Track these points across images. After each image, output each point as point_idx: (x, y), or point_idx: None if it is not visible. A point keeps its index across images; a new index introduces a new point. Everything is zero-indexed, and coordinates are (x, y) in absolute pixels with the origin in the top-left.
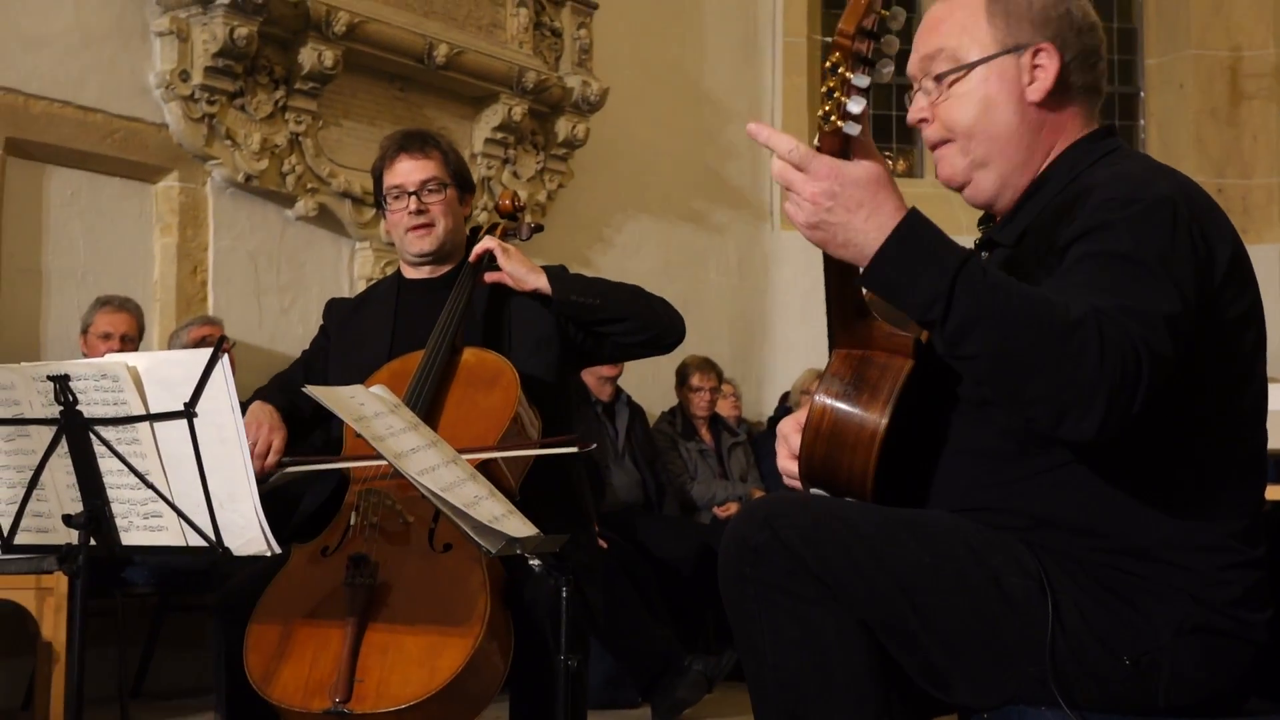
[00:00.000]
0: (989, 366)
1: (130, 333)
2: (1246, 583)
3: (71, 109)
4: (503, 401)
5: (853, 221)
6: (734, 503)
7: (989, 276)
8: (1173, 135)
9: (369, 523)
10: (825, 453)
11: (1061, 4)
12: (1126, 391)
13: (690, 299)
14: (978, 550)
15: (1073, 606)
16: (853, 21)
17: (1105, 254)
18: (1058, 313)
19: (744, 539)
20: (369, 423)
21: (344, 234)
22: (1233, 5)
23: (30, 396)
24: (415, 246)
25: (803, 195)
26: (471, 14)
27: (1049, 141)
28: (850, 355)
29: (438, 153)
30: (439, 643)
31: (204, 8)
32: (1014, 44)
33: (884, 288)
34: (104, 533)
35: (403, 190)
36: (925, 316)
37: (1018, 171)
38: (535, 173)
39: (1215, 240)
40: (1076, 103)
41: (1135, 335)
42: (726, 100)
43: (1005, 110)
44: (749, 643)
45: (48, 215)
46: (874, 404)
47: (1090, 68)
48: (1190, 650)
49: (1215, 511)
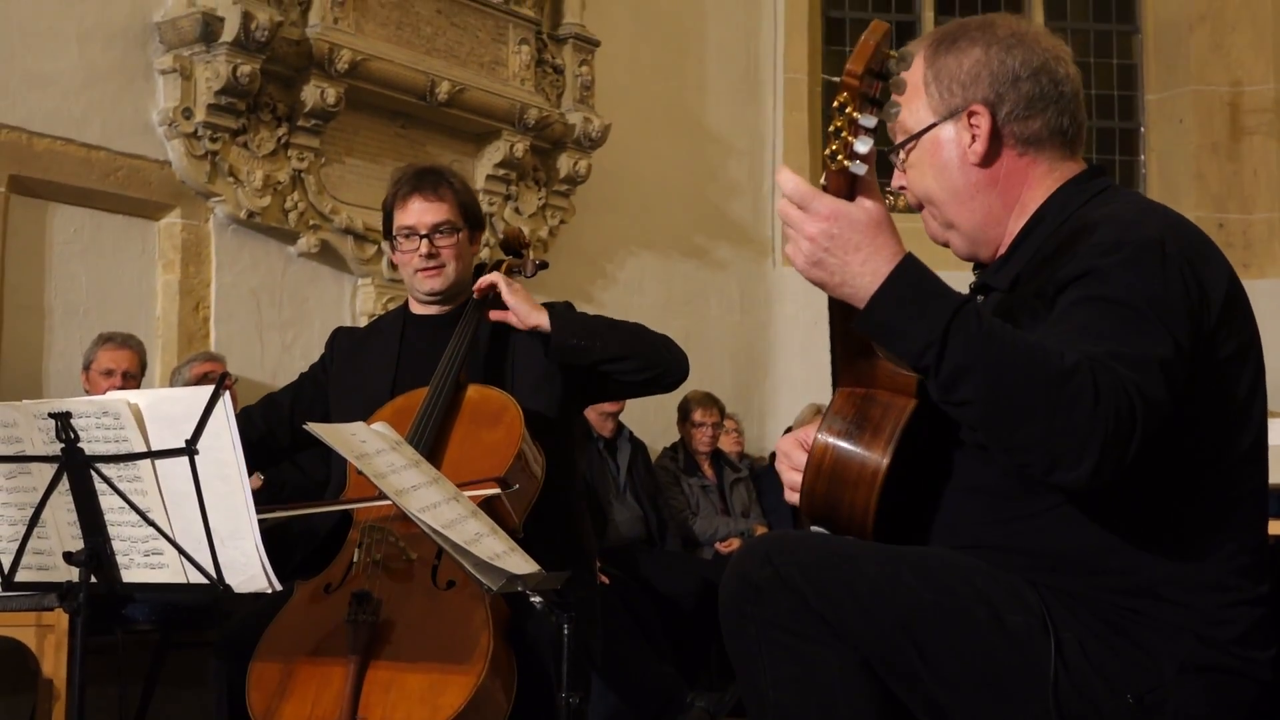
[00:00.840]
0: (982, 413)
1: (133, 369)
2: (1250, 620)
3: (75, 146)
4: (507, 438)
5: (850, 263)
6: (736, 538)
7: (983, 324)
8: (1173, 170)
9: (372, 560)
10: (826, 490)
11: (994, 57)
12: (1121, 439)
13: (692, 334)
14: (979, 588)
15: (1076, 644)
16: (861, 62)
17: (1096, 299)
18: (1051, 360)
19: (745, 576)
20: (370, 460)
21: (346, 270)
22: (1232, 41)
23: (31, 434)
24: (425, 285)
25: (802, 234)
26: (474, 51)
27: (1013, 195)
28: (853, 394)
29: (450, 193)
30: (442, 680)
31: (207, 46)
32: (948, 110)
33: (878, 332)
34: (105, 570)
35: (414, 232)
36: (919, 363)
37: (984, 228)
38: (537, 209)
39: (1207, 279)
40: (1031, 153)
41: (1128, 382)
42: (728, 137)
43: (954, 174)
44: (750, 681)
45: (51, 252)
46: (876, 443)
47: (1037, 115)
48: (1194, 688)
49: (1217, 549)
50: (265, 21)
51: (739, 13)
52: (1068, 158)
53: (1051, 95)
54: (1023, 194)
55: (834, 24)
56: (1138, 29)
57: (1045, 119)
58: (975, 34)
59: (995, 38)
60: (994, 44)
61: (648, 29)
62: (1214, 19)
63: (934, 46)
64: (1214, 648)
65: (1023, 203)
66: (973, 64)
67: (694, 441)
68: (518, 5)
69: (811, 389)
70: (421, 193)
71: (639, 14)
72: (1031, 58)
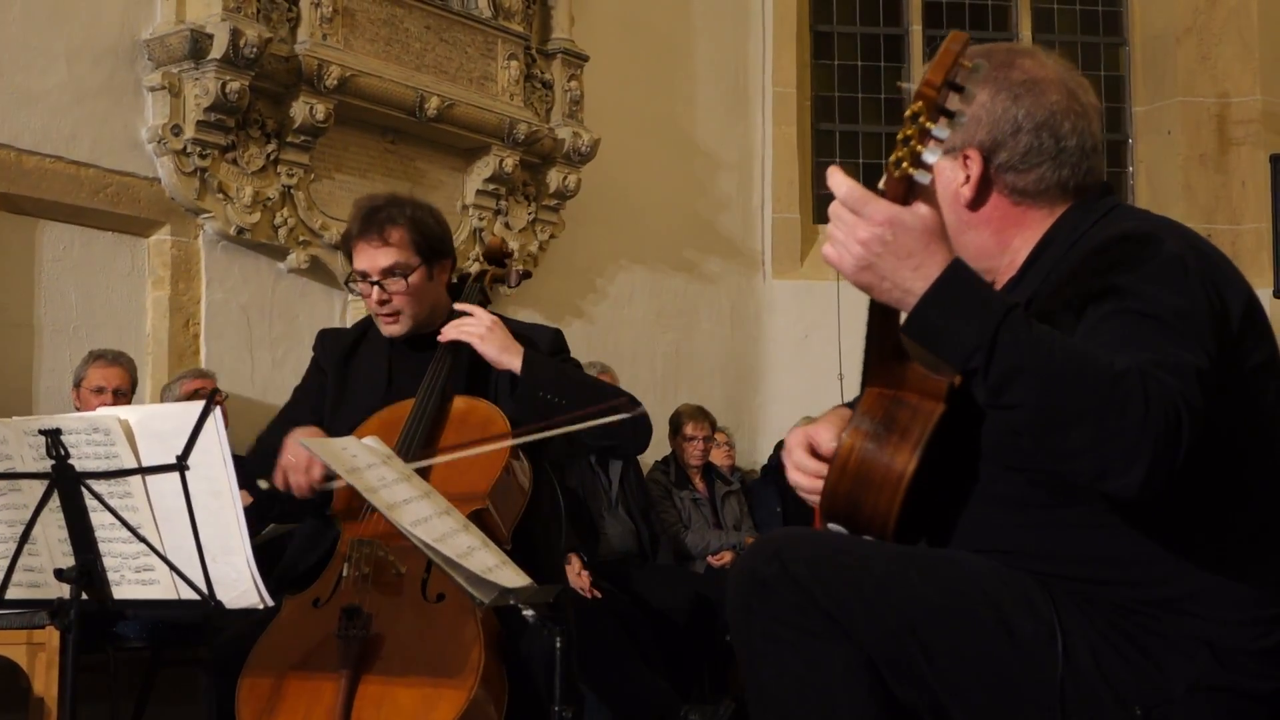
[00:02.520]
0: (1031, 416)
1: (123, 386)
2: (1269, 642)
3: (64, 164)
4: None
5: (901, 269)
6: (728, 551)
7: (1033, 328)
8: (1161, 182)
9: (361, 574)
10: (849, 490)
11: (997, 105)
12: (1170, 445)
13: (683, 348)
14: (988, 591)
15: (1086, 650)
16: (940, 73)
17: (1127, 312)
18: (1101, 364)
19: (753, 571)
20: (361, 474)
21: (336, 286)
22: (1219, 53)
23: (22, 451)
24: (386, 331)
25: (853, 238)
26: (463, 67)
27: (1008, 235)
28: (883, 394)
29: (398, 232)
30: (433, 694)
31: (196, 63)
32: (949, 147)
33: (926, 336)
34: (96, 587)
35: (366, 276)
36: (967, 365)
37: (980, 261)
38: (527, 223)
39: (1228, 292)
40: (1026, 203)
41: (1174, 389)
42: (717, 151)
43: (948, 206)
44: (754, 676)
45: (40, 270)
46: (903, 447)
47: (1032, 169)
48: (1203, 707)
49: (1244, 567)
50: (254, 38)
51: (727, 27)
52: (1068, 199)
53: (1050, 151)
54: (1020, 234)
55: (822, 38)
56: (1125, 41)
57: (1041, 173)
58: (987, 76)
59: (1008, 81)
60: (1003, 89)
61: (636, 44)
62: (1200, 31)
63: None
64: (1230, 667)
65: (1023, 239)
66: (977, 107)
67: (685, 455)
68: (506, 21)
69: (803, 402)
70: (366, 237)
71: (628, 29)
72: (1037, 110)
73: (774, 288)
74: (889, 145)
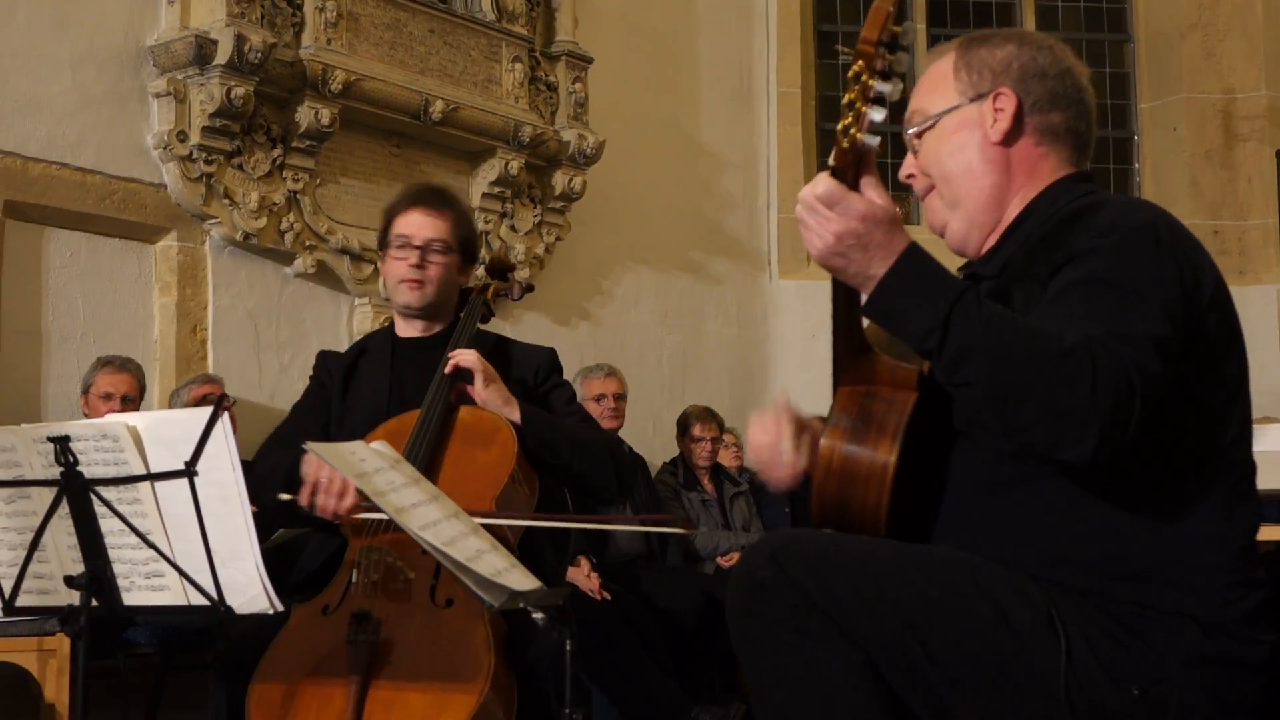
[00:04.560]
0: (985, 393)
1: (131, 393)
2: (1250, 604)
3: (70, 171)
4: (500, 458)
5: (868, 258)
6: (737, 552)
7: (985, 308)
8: (1167, 178)
9: (370, 579)
10: (837, 489)
11: (1025, 53)
12: (1121, 414)
13: (690, 349)
14: (984, 584)
15: (1081, 639)
16: (876, 29)
17: (1091, 280)
18: (1051, 341)
19: (750, 574)
20: (370, 478)
21: (343, 290)
22: (1224, 49)
23: (31, 458)
24: (403, 298)
25: (828, 230)
26: (467, 70)
27: (1019, 182)
28: (855, 391)
29: (453, 215)
30: (443, 699)
31: (200, 69)
32: (975, 93)
33: (884, 317)
34: (106, 593)
35: (408, 242)
36: (923, 345)
37: (985, 210)
38: (533, 226)
39: (1197, 265)
40: (1046, 144)
41: (1126, 359)
42: (722, 151)
43: (970, 152)
44: (756, 680)
45: (47, 277)
46: (883, 439)
47: (1059, 110)
48: (1198, 681)
49: (1211, 531)
50: (259, 43)
51: (731, 27)
52: (1075, 162)
53: (1073, 97)
54: (1027, 183)
55: (826, 37)
56: (1130, 38)
57: (1066, 116)
58: (1009, 35)
59: (1027, 39)
60: (1025, 44)
61: (640, 45)
62: (1205, 27)
63: (967, 41)
64: (1218, 635)
65: (1024, 193)
66: (1005, 55)
67: (693, 456)
68: (510, 23)
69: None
70: (425, 206)
71: (631, 30)
72: (1059, 61)
73: (780, 288)
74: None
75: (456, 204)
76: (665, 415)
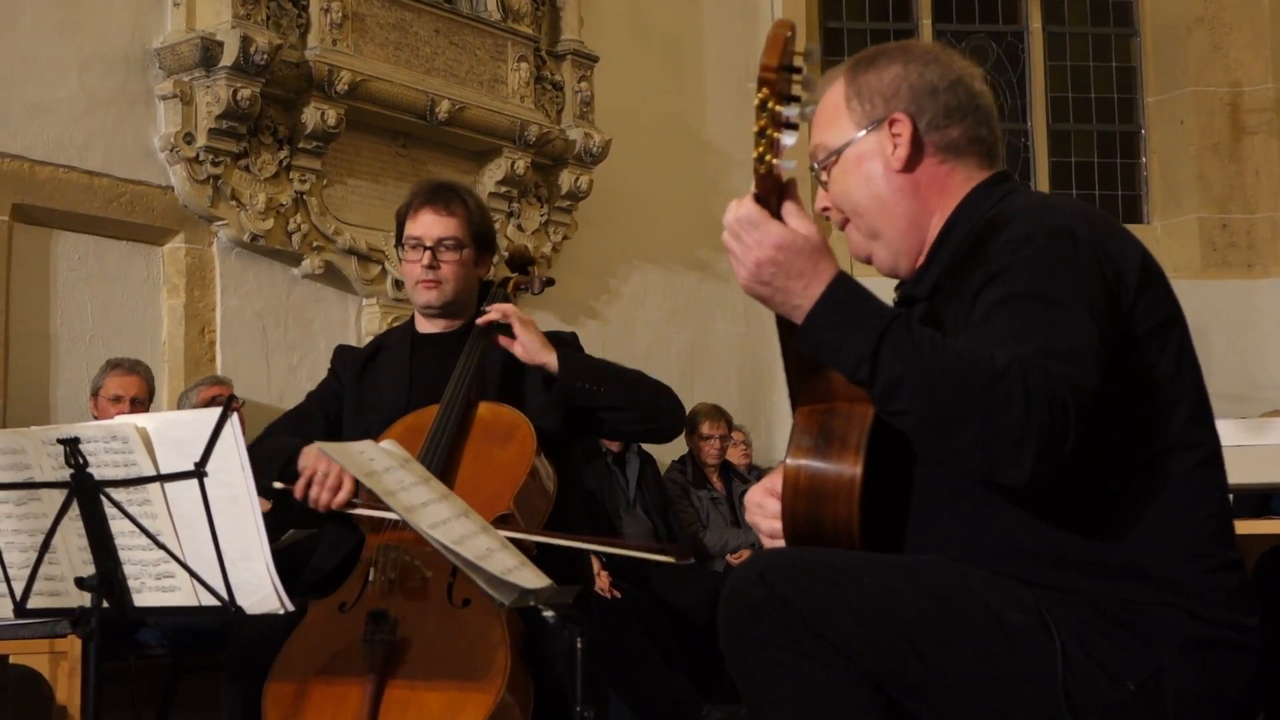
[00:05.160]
0: (918, 422)
1: (141, 395)
2: (1231, 585)
3: (77, 174)
4: (519, 455)
5: (792, 287)
6: (746, 550)
7: (914, 335)
8: (1175, 172)
9: (386, 578)
10: (807, 508)
11: (913, 71)
12: (1056, 431)
13: (698, 347)
14: (975, 590)
15: (1073, 638)
16: (775, 55)
17: (1014, 297)
18: (981, 365)
19: (741, 597)
20: (379, 478)
21: (351, 291)
22: (1231, 42)
23: (41, 460)
24: (422, 298)
25: (748, 259)
26: (473, 70)
27: (933, 202)
28: (813, 410)
29: (463, 210)
30: (460, 698)
31: (207, 71)
32: (871, 121)
33: (814, 348)
34: (116, 595)
35: (419, 243)
36: (855, 376)
37: (905, 236)
38: (540, 225)
39: (1120, 258)
40: (951, 160)
41: (1058, 376)
42: (728, 148)
43: (878, 183)
44: (753, 701)
45: (55, 280)
46: (845, 453)
47: (955, 124)
48: (1192, 667)
49: (1183, 516)
50: (264, 45)
51: (736, 25)
52: (985, 168)
53: (968, 106)
54: (942, 201)
55: (832, 35)
56: (1136, 32)
57: (964, 128)
58: (893, 54)
59: (912, 55)
60: (912, 61)
61: (646, 43)
62: (1212, 20)
63: (853, 67)
64: (1204, 621)
65: (941, 210)
66: (893, 78)
67: (702, 454)
68: (516, 23)
69: None
70: (433, 205)
71: (636, 29)
72: (948, 73)
73: None
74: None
75: (466, 197)
76: None
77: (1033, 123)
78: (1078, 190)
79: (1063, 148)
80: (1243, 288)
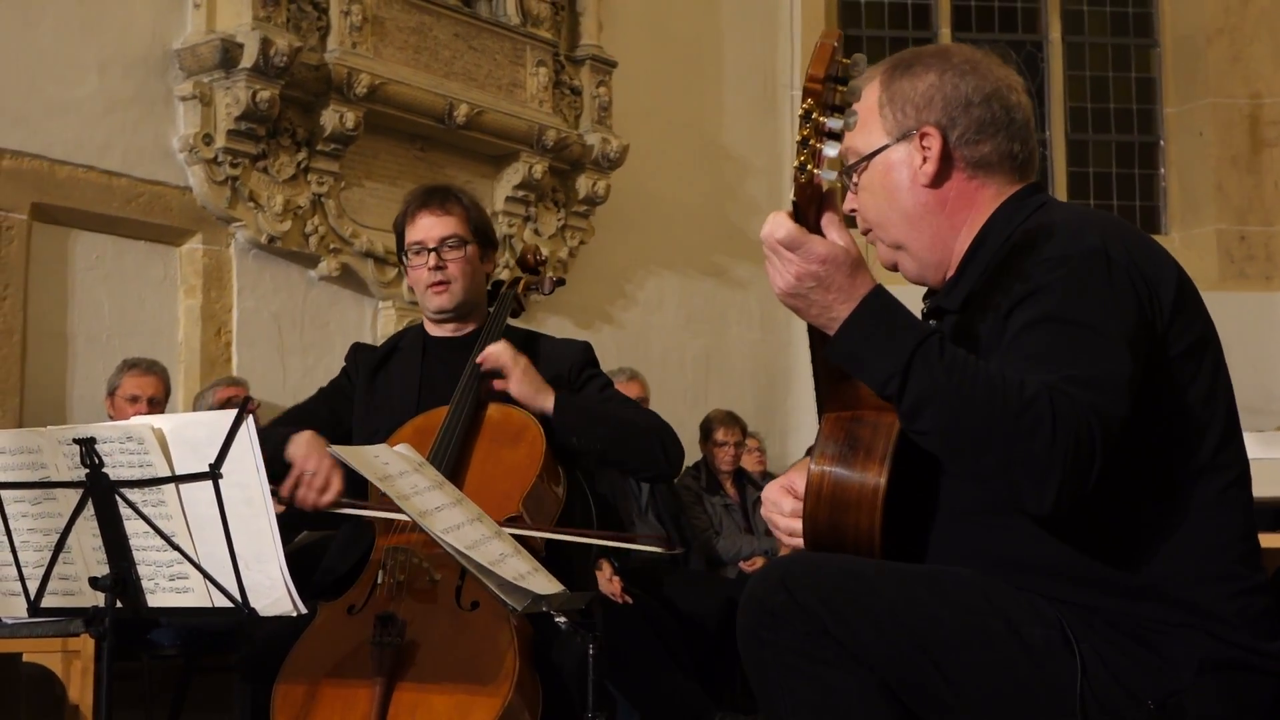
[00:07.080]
0: (943, 443)
1: (157, 395)
2: (1256, 609)
3: (96, 174)
4: (528, 457)
5: (828, 300)
6: (760, 557)
7: (945, 356)
8: (1193, 184)
9: (395, 581)
10: (829, 516)
11: (946, 83)
12: (1081, 465)
13: (713, 353)
14: (996, 603)
15: (1095, 655)
16: (822, 66)
17: (1047, 319)
18: (1010, 391)
19: (761, 602)
20: (393, 481)
21: (367, 294)
22: (1250, 54)
23: (56, 460)
24: (433, 303)
25: (789, 271)
26: (491, 74)
27: (960, 217)
28: (840, 418)
29: (459, 208)
30: (468, 702)
31: (226, 72)
32: (901, 132)
33: (846, 360)
34: (130, 595)
35: (423, 246)
36: (883, 391)
37: (932, 250)
38: (557, 230)
39: (1155, 279)
40: (981, 176)
41: (1085, 406)
42: (745, 155)
43: (904, 194)
44: (770, 707)
45: (73, 279)
46: (870, 462)
47: (987, 139)
48: (1212, 689)
49: (1210, 540)
50: (284, 47)
51: (755, 31)
52: (1017, 182)
53: (1002, 121)
54: (970, 217)
55: (851, 41)
56: (1156, 43)
57: (995, 143)
58: (930, 60)
59: (950, 64)
60: (948, 70)
61: (664, 49)
62: (1232, 32)
63: (889, 71)
64: (1226, 643)
65: (970, 225)
66: (927, 88)
67: (716, 460)
68: (535, 27)
69: None
70: (429, 208)
71: (656, 34)
72: (984, 84)
73: None
74: None
75: (460, 196)
76: (688, 419)
77: (1051, 133)
78: (1096, 201)
79: (1081, 158)
80: (1261, 300)
